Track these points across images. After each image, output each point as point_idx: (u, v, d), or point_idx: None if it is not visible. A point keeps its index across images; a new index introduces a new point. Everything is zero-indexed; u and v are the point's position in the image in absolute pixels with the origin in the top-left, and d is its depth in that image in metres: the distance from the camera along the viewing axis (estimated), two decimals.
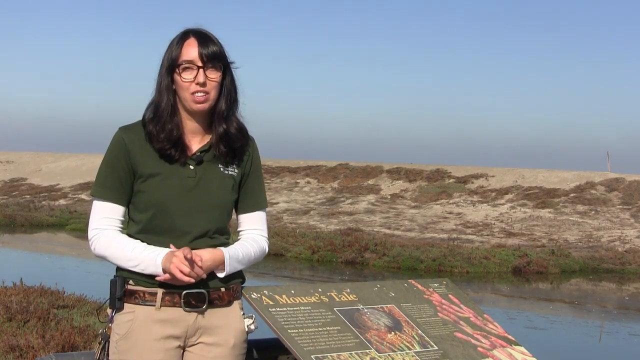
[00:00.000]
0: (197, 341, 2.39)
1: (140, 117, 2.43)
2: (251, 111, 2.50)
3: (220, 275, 2.38)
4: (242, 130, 2.45)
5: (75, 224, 23.93)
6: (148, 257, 2.31)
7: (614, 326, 11.80)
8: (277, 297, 2.58)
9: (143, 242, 2.36)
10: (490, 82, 69.51)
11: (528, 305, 13.26)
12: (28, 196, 33.88)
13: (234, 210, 2.53)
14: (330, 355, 2.42)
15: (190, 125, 2.41)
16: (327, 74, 76.04)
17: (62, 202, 32.11)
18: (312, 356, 2.38)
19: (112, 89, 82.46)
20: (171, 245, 2.33)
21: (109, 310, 2.41)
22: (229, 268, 2.38)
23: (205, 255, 2.32)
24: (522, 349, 2.87)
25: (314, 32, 77.37)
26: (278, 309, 2.52)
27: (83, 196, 33.14)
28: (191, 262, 2.25)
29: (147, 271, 2.31)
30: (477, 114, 67.72)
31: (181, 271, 2.24)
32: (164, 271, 2.28)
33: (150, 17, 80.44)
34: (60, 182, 37.23)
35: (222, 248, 2.40)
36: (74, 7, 78.06)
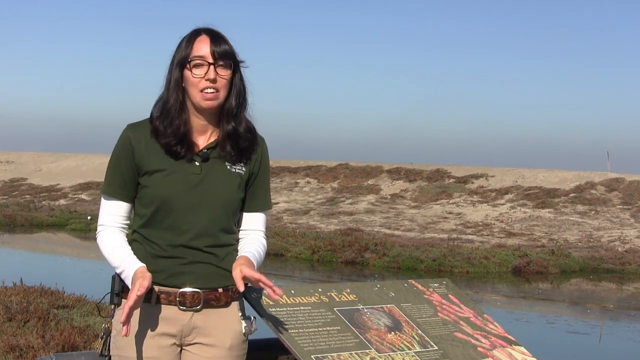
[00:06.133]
0: (194, 341, 2.38)
1: (142, 117, 2.45)
2: (253, 110, 2.50)
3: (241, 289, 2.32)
4: (250, 130, 2.45)
5: (75, 224, 23.92)
6: (127, 267, 2.32)
7: (614, 326, 11.80)
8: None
9: (145, 237, 2.38)
10: (490, 82, 69.56)
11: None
12: (28, 196, 33.86)
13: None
14: (330, 355, 2.42)
15: (197, 123, 2.41)
16: (328, 74, 76.10)
17: (62, 202, 32.10)
18: (312, 356, 2.38)
19: (112, 89, 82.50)
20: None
21: (112, 306, 2.43)
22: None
23: (246, 270, 2.28)
24: (522, 349, 2.87)
25: (316, 32, 77.45)
26: (278, 309, 2.53)
27: (83, 196, 33.15)
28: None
29: (127, 280, 2.31)
30: (477, 114, 67.76)
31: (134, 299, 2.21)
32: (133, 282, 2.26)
33: (151, 19, 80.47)
34: (60, 182, 37.23)
35: (245, 255, 2.39)
36: (74, 8, 78.11)
